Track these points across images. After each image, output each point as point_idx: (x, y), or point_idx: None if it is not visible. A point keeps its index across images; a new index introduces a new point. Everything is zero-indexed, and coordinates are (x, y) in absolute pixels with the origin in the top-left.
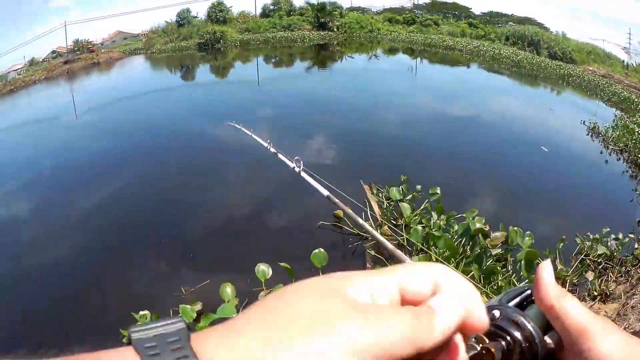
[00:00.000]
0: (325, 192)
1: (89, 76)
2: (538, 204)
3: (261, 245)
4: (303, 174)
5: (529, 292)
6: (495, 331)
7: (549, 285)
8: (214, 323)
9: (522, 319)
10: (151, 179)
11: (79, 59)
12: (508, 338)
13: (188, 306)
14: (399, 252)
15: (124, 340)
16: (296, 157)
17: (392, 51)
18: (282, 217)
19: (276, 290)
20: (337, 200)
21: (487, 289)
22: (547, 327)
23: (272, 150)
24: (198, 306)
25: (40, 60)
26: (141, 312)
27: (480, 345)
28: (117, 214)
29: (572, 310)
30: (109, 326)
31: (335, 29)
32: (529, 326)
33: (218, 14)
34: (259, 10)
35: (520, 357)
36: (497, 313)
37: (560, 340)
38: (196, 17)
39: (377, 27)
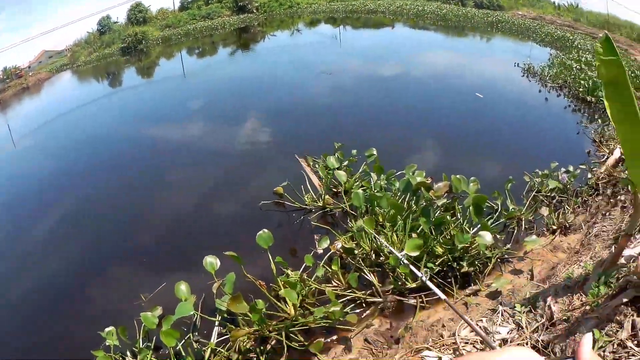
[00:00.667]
0: (443, 297)
1: (21, 102)
2: (480, 151)
3: (208, 237)
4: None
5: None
6: None
7: (588, 357)
8: (175, 324)
9: None
10: (96, 194)
11: (9, 87)
12: None
13: (149, 313)
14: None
15: None
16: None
17: (313, 23)
18: (224, 205)
19: None
20: (459, 313)
21: (439, 239)
22: None
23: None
24: (158, 311)
25: None
26: (107, 329)
27: None
28: (66, 234)
29: None
30: (79, 350)
31: (254, 11)
32: None
33: (137, 15)
34: (177, 5)
35: None
36: None
37: None
38: (117, 22)
39: (296, 2)
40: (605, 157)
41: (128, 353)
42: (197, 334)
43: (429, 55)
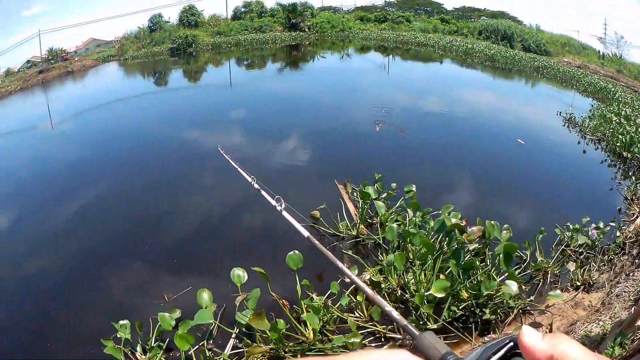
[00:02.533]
0: (306, 233)
1: (64, 85)
2: (516, 197)
3: (239, 249)
4: (284, 213)
5: (511, 344)
6: None
7: (536, 340)
8: (192, 330)
9: None
10: (128, 188)
11: (53, 68)
12: None
13: (167, 314)
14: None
15: (105, 351)
16: (277, 196)
17: (364, 49)
18: (257, 219)
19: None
20: (317, 242)
21: (466, 284)
22: None
23: (256, 186)
24: (177, 313)
25: (16, 70)
26: (121, 322)
27: None
28: (96, 223)
29: (574, 354)
30: (90, 336)
31: (306, 29)
32: None
33: (190, 18)
34: (230, 13)
35: None
36: None
37: None
38: (168, 22)
39: (348, 26)
40: (635, 216)
41: (138, 348)
42: (211, 342)
43: (474, 94)
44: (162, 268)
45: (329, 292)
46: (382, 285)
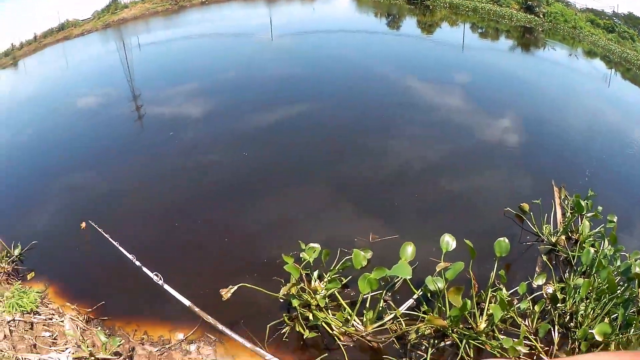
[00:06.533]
0: (187, 303)
1: None
2: None
3: (449, 218)
4: (165, 286)
5: None
6: None
7: None
8: (384, 278)
9: None
10: None
11: None
12: None
13: (361, 252)
14: None
15: (285, 267)
16: (155, 272)
17: (590, 54)
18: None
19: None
20: (197, 310)
21: (619, 338)
22: None
23: (137, 263)
24: (369, 254)
25: None
26: (311, 244)
27: None
28: None
29: None
30: (277, 247)
31: (541, 16)
32: None
33: None
34: None
35: None
36: None
37: None
38: None
39: (579, 25)
40: None
41: (315, 274)
42: (389, 294)
43: None
44: (374, 209)
45: (514, 289)
46: (559, 304)
